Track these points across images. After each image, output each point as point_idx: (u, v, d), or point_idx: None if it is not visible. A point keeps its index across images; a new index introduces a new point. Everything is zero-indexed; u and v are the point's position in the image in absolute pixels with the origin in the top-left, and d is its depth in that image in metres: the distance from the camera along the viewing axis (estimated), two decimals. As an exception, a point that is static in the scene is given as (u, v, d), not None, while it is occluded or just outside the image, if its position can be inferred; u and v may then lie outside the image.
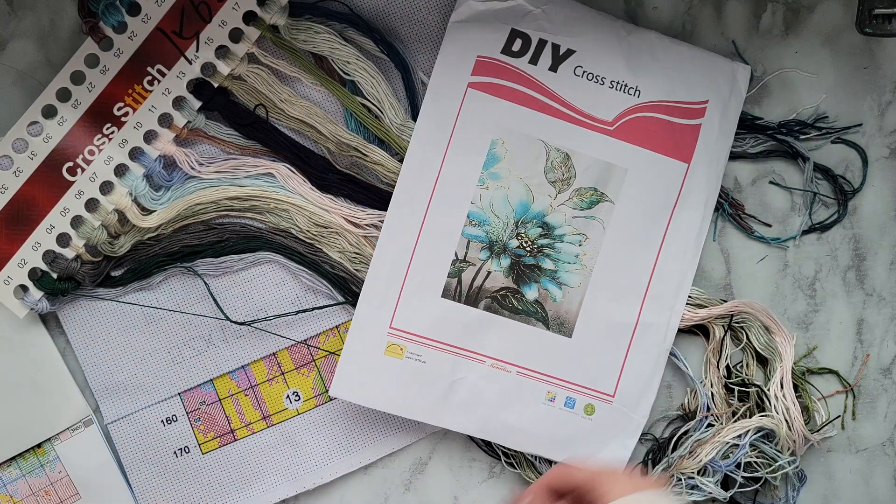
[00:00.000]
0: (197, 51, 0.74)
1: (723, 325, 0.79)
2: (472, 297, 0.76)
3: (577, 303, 0.76)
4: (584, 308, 0.76)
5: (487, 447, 0.80)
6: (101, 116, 0.74)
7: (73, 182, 0.74)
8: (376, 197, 0.77)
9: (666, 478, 0.77)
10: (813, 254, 0.80)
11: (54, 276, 0.75)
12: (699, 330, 0.80)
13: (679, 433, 0.79)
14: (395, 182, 0.76)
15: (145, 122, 0.74)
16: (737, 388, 0.79)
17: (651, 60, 0.76)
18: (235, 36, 0.74)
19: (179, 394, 0.78)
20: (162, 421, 0.78)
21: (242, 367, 0.78)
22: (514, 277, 0.76)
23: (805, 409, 0.79)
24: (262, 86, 0.76)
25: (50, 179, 0.74)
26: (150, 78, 0.74)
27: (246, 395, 0.79)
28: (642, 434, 0.79)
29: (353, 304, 0.77)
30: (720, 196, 0.78)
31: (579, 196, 0.76)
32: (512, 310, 0.76)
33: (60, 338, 0.78)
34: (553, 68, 0.75)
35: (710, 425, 0.78)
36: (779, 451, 0.78)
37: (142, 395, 0.78)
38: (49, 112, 0.74)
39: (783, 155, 0.79)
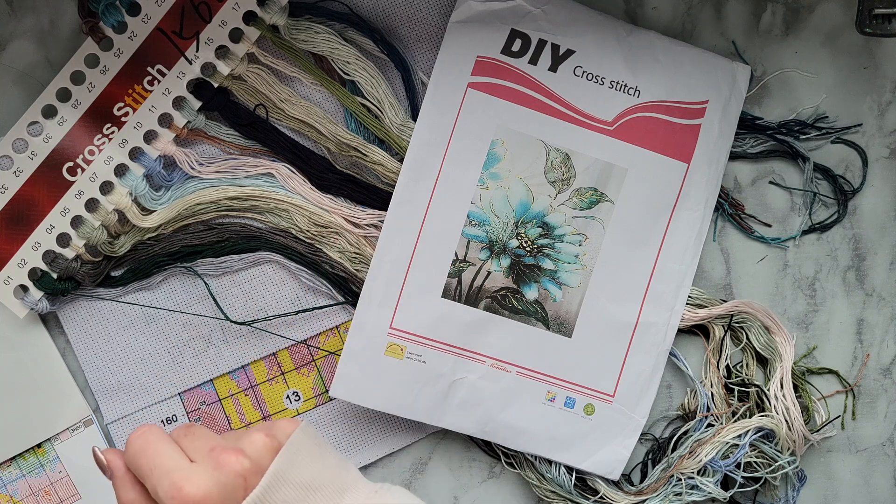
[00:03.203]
0: (197, 51, 0.74)
1: (723, 325, 0.79)
2: (472, 297, 0.76)
3: (577, 303, 0.76)
4: (584, 308, 0.77)
5: (487, 447, 0.80)
6: (101, 116, 0.74)
7: (73, 182, 0.74)
8: (376, 197, 0.77)
9: (664, 478, 0.78)
10: (813, 254, 0.80)
11: (54, 276, 0.75)
12: (699, 330, 0.80)
13: (679, 433, 0.79)
14: (395, 182, 0.76)
15: (145, 122, 0.74)
16: (737, 388, 0.79)
17: (651, 60, 0.76)
18: (235, 36, 0.74)
19: (179, 394, 0.78)
20: (162, 421, 0.78)
21: (242, 367, 0.79)
22: (514, 277, 0.76)
23: (805, 409, 0.79)
24: (262, 86, 0.76)
25: (50, 179, 0.74)
26: (150, 78, 0.74)
27: (246, 395, 0.79)
28: (642, 434, 0.79)
29: (353, 304, 0.77)
30: (720, 196, 0.78)
31: (579, 196, 0.76)
32: (512, 310, 0.76)
33: (60, 338, 0.78)
34: (553, 68, 0.75)
35: (710, 425, 0.78)
36: (779, 451, 0.78)
37: (142, 395, 0.78)
38: (49, 112, 0.74)
39: (783, 155, 0.79)
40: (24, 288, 0.75)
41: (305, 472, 0.52)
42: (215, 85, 0.75)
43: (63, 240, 0.75)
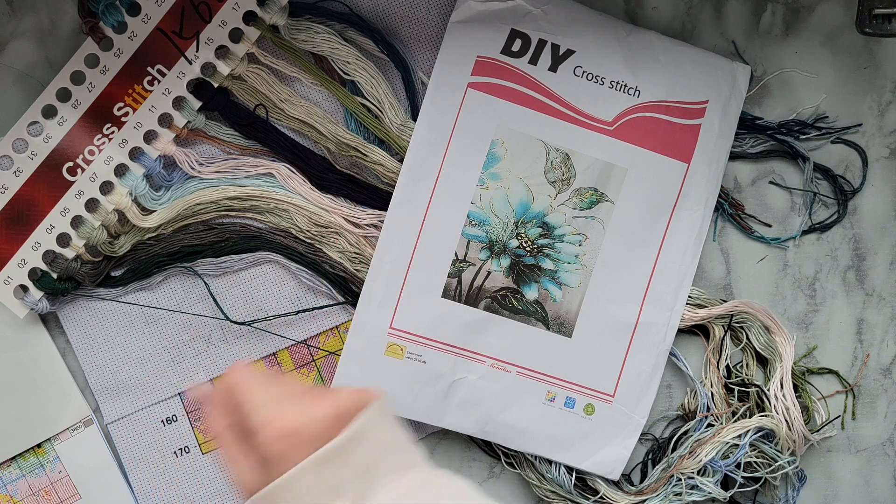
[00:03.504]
0: (197, 51, 0.74)
1: (723, 325, 0.79)
2: (472, 297, 0.76)
3: (577, 303, 0.76)
4: (583, 308, 0.76)
5: (487, 447, 0.80)
6: (101, 116, 0.74)
7: (73, 182, 0.74)
8: (376, 197, 0.77)
9: (666, 478, 0.78)
10: (813, 254, 0.80)
11: (54, 276, 0.75)
12: (699, 330, 0.80)
13: (679, 433, 0.79)
14: (395, 182, 0.76)
15: (145, 122, 0.74)
16: (737, 388, 0.79)
17: (651, 60, 0.76)
18: (235, 36, 0.74)
19: (179, 394, 0.78)
20: (162, 421, 0.78)
21: (242, 367, 0.79)
22: (514, 277, 0.76)
23: (805, 409, 0.79)
24: (262, 86, 0.76)
25: (50, 179, 0.74)
26: (150, 78, 0.74)
27: (246, 395, 0.79)
28: (642, 434, 0.79)
29: (353, 304, 0.77)
30: (720, 196, 0.78)
31: (579, 196, 0.76)
32: (512, 310, 0.76)
33: (60, 338, 0.78)
34: (553, 68, 0.75)
35: (710, 425, 0.78)
36: (779, 451, 0.78)
37: (142, 395, 0.78)
38: (49, 112, 0.74)
39: (783, 155, 0.79)
40: (24, 288, 0.75)
41: (385, 436, 0.55)
42: (215, 85, 0.75)
43: (63, 240, 0.75)
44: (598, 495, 0.78)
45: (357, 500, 0.53)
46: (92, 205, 0.75)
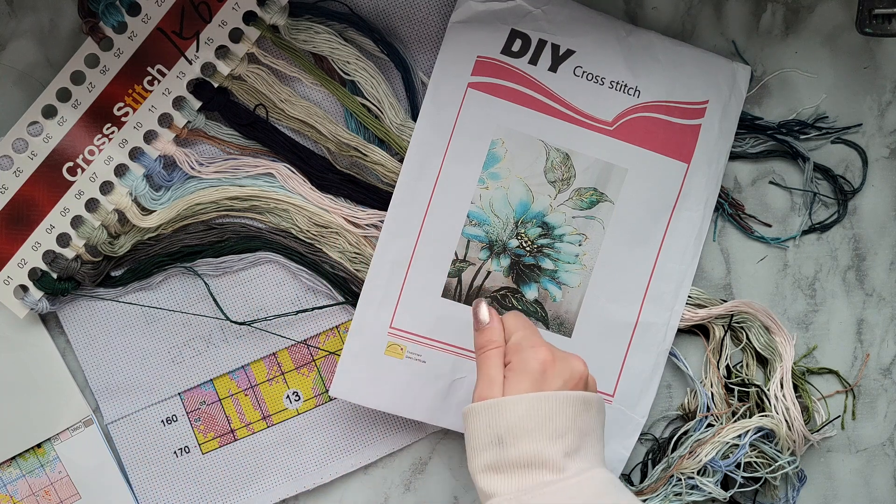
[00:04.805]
0: (197, 51, 0.74)
1: (723, 325, 0.79)
2: (472, 297, 0.76)
3: (577, 303, 0.76)
4: (583, 308, 0.77)
5: (487, 447, 0.80)
6: (101, 116, 0.74)
7: (73, 182, 0.74)
8: (376, 197, 0.77)
9: (665, 477, 0.78)
10: (813, 254, 0.80)
11: (54, 276, 0.75)
12: (699, 330, 0.80)
13: (679, 433, 0.79)
14: (395, 182, 0.76)
15: (145, 122, 0.74)
16: (737, 388, 0.79)
17: (651, 61, 0.76)
18: (235, 36, 0.74)
19: (179, 394, 0.78)
20: (162, 421, 0.78)
21: (242, 367, 0.79)
22: (514, 277, 0.76)
23: (805, 409, 0.79)
24: (262, 86, 0.76)
25: (50, 179, 0.74)
26: (150, 78, 0.74)
27: (246, 395, 0.79)
28: (642, 434, 0.79)
29: (353, 304, 0.77)
30: (720, 196, 0.78)
31: (579, 196, 0.76)
32: (512, 309, 0.76)
33: (60, 338, 0.78)
34: (553, 68, 0.75)
35: (710, 425, 0.78)
36: (779, 451, 0.78)
37: (142, 395, 0.78)
38: (49, 112, 0.74)
39: (783, 155, 0.79)
40: (24, 288, 0.75)
41: (599, 424, 0.63)
42: (215, 85, 0.75)
43: (63, 240, 0.75)
44: (598, 495, 0.78)
45: (569, 450, 0.60)
46: (92, 205, 0.75)
